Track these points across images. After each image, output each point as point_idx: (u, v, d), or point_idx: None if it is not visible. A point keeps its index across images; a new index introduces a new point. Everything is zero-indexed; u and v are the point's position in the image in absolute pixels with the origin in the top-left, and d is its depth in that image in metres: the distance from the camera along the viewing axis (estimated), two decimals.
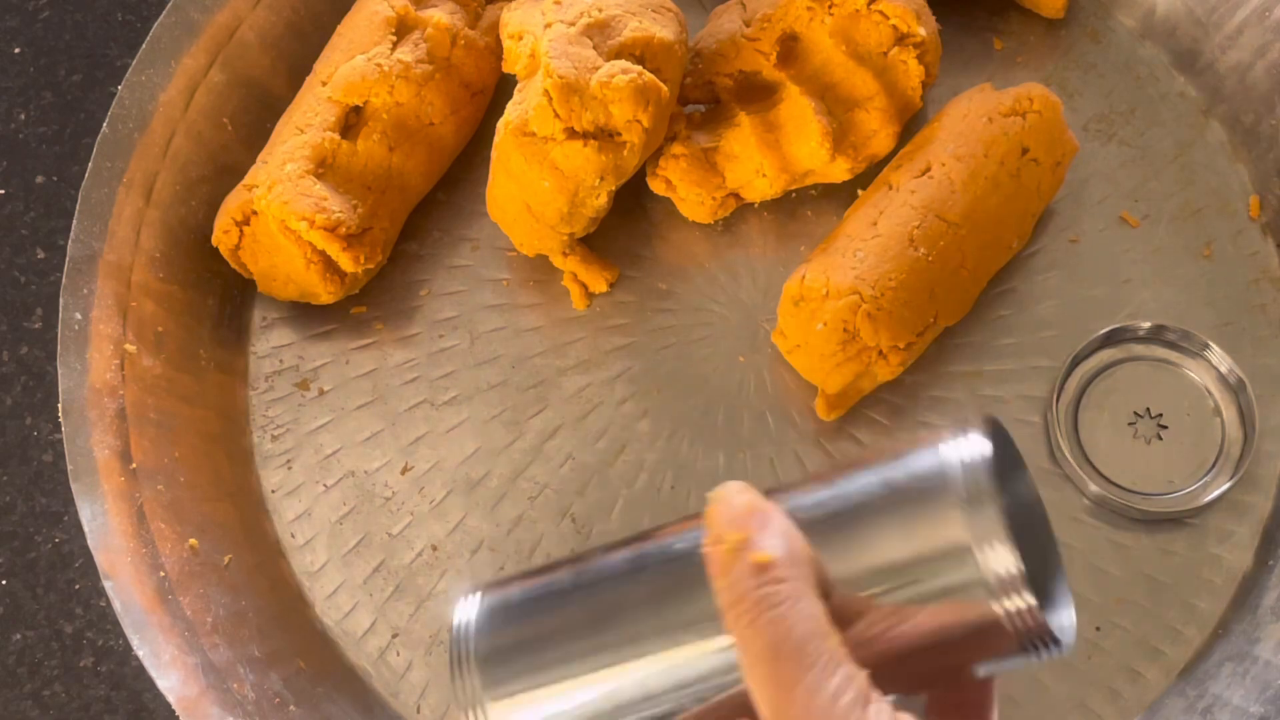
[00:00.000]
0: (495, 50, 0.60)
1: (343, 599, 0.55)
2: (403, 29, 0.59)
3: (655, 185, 0.59)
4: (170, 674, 0.49)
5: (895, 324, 0.53)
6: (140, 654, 0.49)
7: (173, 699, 0.49)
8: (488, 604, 0.35)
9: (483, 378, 0.59)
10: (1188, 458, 0.55)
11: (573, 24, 0.54)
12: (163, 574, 0.52)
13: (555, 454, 0.57)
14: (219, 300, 0.60)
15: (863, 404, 0.56)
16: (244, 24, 0.61)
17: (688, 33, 0.58)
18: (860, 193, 0.58)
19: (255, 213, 0.57)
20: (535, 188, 0.55)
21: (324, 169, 0.57)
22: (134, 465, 0.54)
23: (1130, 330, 0.56)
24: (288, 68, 0.62)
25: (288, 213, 0.55)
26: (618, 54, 0.54)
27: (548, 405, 0.58)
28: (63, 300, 0.55)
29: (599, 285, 0.59)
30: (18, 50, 0.67)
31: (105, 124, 0.58)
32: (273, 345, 0.60)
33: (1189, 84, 0.62)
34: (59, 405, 0.53)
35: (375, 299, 0.60)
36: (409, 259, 0.61)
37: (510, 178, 0.56)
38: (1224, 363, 0.56)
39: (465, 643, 0.35)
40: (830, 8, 0.58)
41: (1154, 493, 0.55)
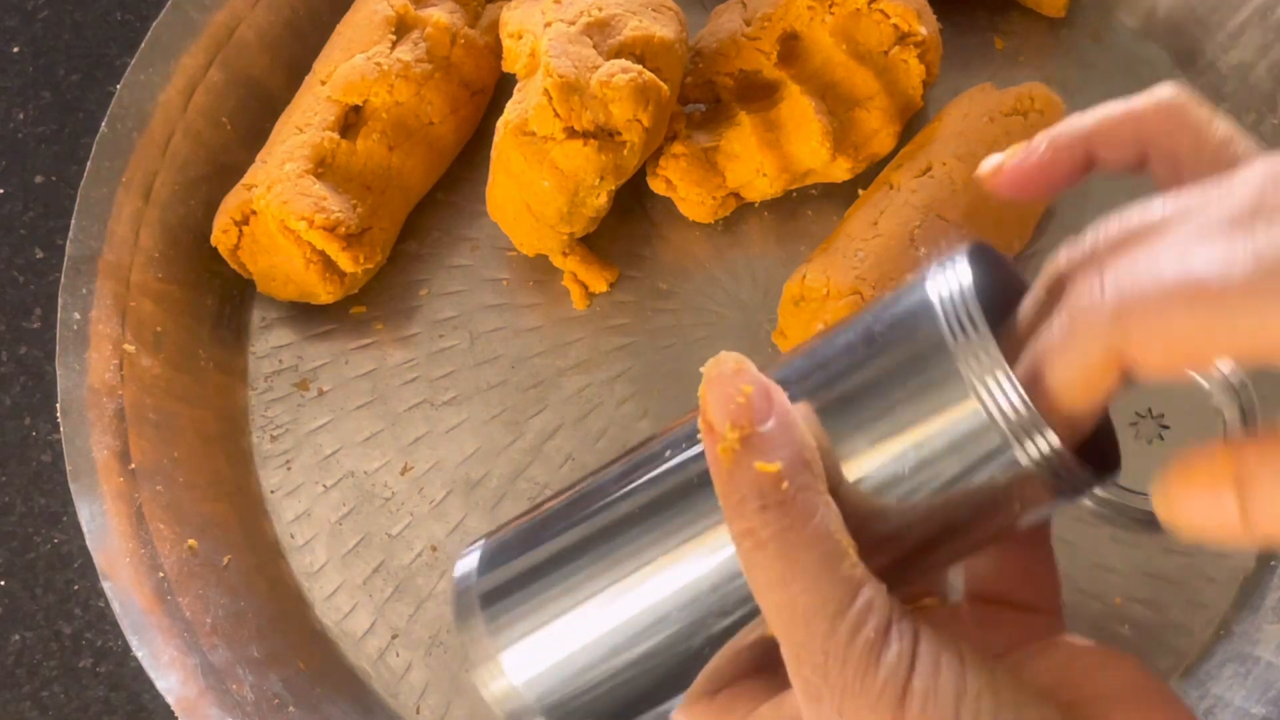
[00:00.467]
0: (495, 49, 0.60)
1: (342, 600, 0.55)
2: (402, 28, 0.59)
3: (655, 185, 0.59)
4: (169, 675, 0.49)
5: None
6: (139, 655, 0.49)
7: (171, 700, 0.49)
8: (487, 550, 0.33)
9: (482, 378, 0.58)
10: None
11: (573, 23, 0.54)
12: (161, 574, 0.52)
13: (555, 454, 0.57)
14: (218, 300, 0.60)
15: None
16: (243, 23, 0.61)
17: (688, 32, 0.58)
18: (861, 192, 0.58)
19: (254, 212, 0.56)
20: (535, 187, 0.55)
21: (323, 168, 0.57)
22: (133, 465, 0.53)
23: None
24: (287, 67, 0.62)
25: (287, 212, 0.55)
26: (618, 53, 0.54)
27: (547, 405, 0.58)
28: (61, 300, 0.55)
29: (599, 285, 0.59)
30: (16, 49, 0.66)
31: (104, 123, 0.58)
32: (272, 345, 0.60)
33: (1190, 84, 0.62)
34: (58, 405, 0.53)
35: (375, 299, 0.60)
36: (408, 259, 0.61)
37: (510, 177, 0.55)
38: (1226, 363, 0.55)
39: (467, 595, 0.32)
40: (831, 7, 0.58)
41: None
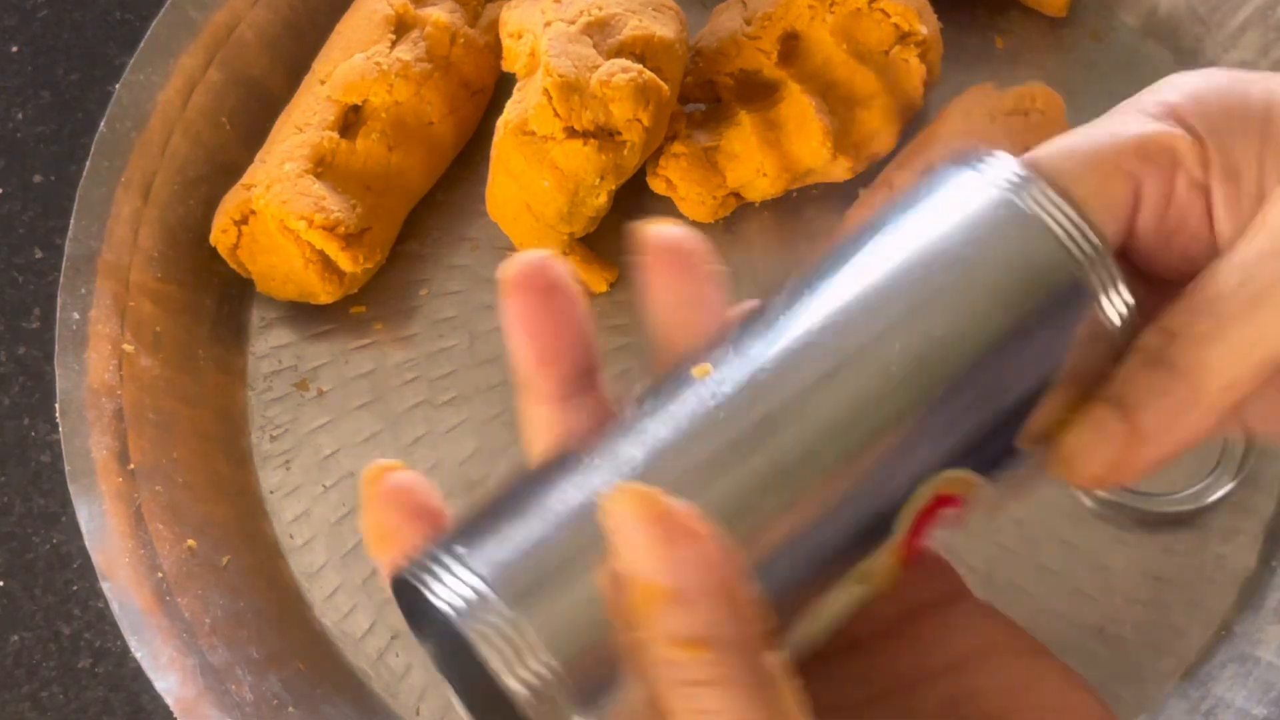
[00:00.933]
0: (495, 49, 0.60)
1: (342, 600, 0.55)
2: (402, 27, 0.59)
3: (655, 185, 0.59)
4: (168, 675, 0.49)
5: None
6: (138, 655, 0.49)
7: (171, 700, 0.49)
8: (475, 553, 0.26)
9: (482, 378, 0.58)
10: (1191, 458, 0.55)
11: (573, 22, 0.54)
12: (161, 575, 0.52)
13: None
14: (217, 300, 0.59)
15: None
16: (242, 23, 0.61)
17: (688, 31, 0.58)
18: (862, 192, 0.58)
19: (254, 212, 0.56)
20: (535, 187, 0.55)
21: (323, 168, 0.57)
22: (132, 466, 0.53)
23: None
24: (286, 67, 0.62)
25: (286, 212, 0.55)
26: (618, 52, 0.54)
27: None
28: (60, 300, 0.55)
29: (599, 285, 0.59)
30: (15, 49, 0.66)
31: (103, 123, 0.57)
32: (271, 345, 0.60)
33: None
34: (56, 405, 0.53)
35: (374, 299, 0.60)
36: (408, 258, 0.60)
37: (510, 177, 0.55)
38: None
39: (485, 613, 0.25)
40: (831, 6, 0.58)
41: (1157, 493, 0.54)
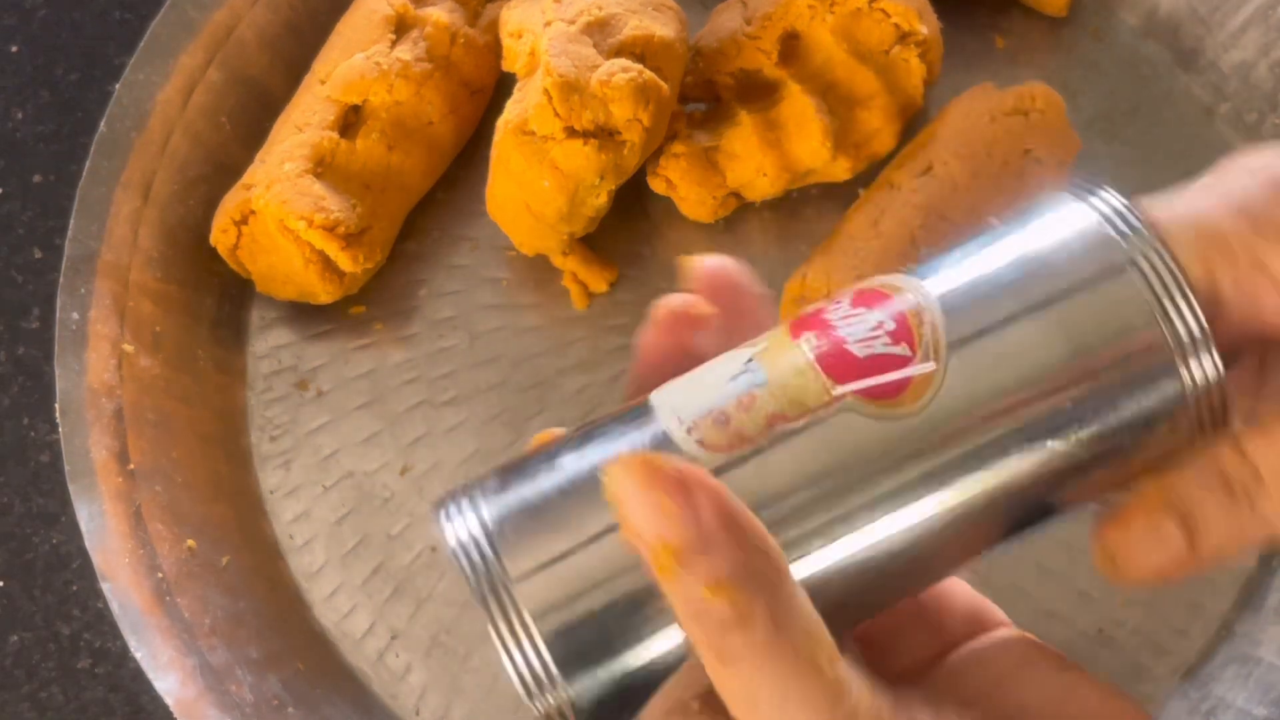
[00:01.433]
0: (495, 49, 0.60)
1: (341, 600, 0.55)
2: (402, 27, 0.59)
3: (655, 184, 0.59)
4: (168, 676, 0.49)
5: None
6: (138, 655, 0.49)
7: (170, 701, 0.49)
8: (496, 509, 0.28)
9: (482, 378, 0.58)
10: None
11: (573, 22, 0.54)
12: (160, 575, 0.52)
13: None
14: (217, 300, 0.59)
15: None
16: (242, 22, 0.61)
17: (688, 31, 0.58)
18: (862, 192, 0.58)
19: (253, 212, 0.56)
20: (535, 187, 0.55)
21: (322, 168, 0.57)
22: (132, 466, 0.53)
23: None
24: (286, 66, 0.62)
25: (286, 212, 0.55)
26: (618, 52, 0.54)
27: (547, 406, 0.57)
28: (60, 300, 0.55)
29: (599, 285, 0.59)
30: (15, 49, 0.66)
31: (103, 123, 0.57)
32: (271, 345, 0.59)
33: (1192, 83, 0.62)
34: (56, 406, 0.53)
35: (374, 299, 0.60)
36: (408, 258, 0.60)
37: (510, 177, 0.55)
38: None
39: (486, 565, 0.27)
40: (832, 6, 0.58)
41: None
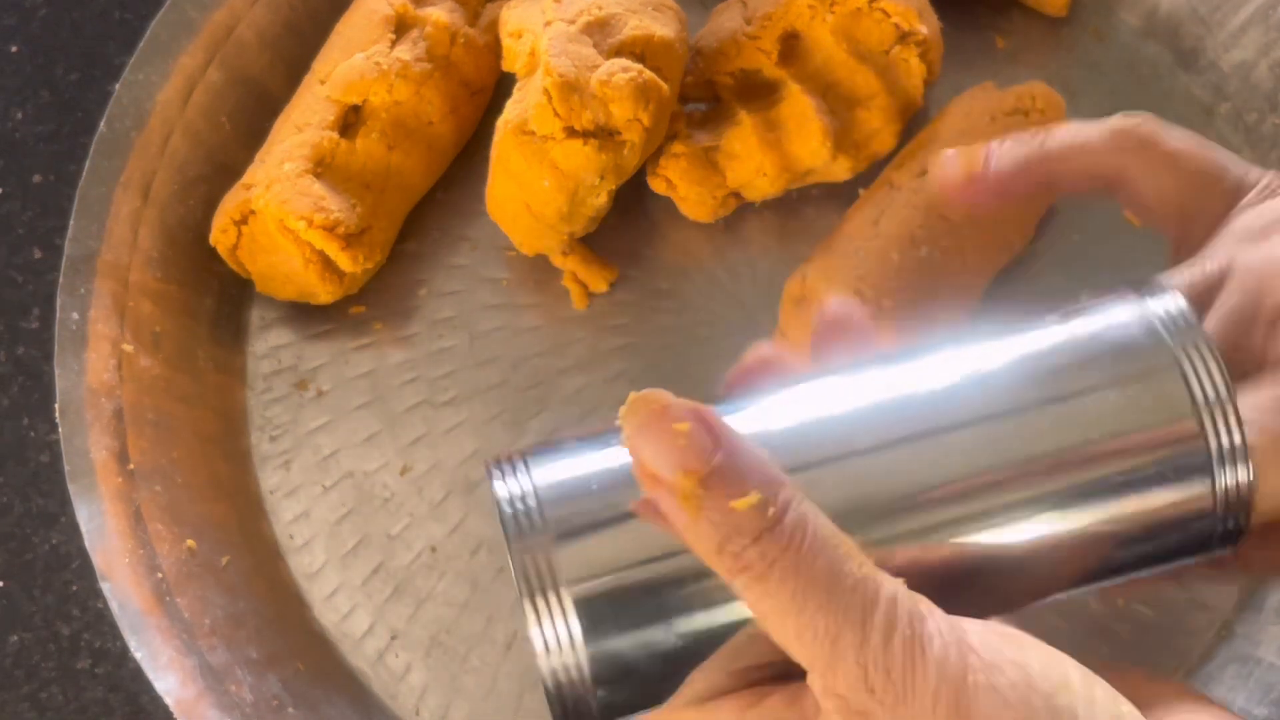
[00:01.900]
0: (495, 49, 0.60)
1: (341, 600, 0.55)
2: (402, 27, 0.59)
3: (655, 184, 0.59)
4: (168, 676, 0.49)
5: (898, 324, 0.53)
6: (138, 656, 0.49)
7: (170, 701, 0.49)
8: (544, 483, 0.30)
9: (482, 378, 0.58)
10: None
11: (573, 22, 0.54)
12: (160, 575, 0.52)
13: None
14: (217, 300, 0.59)
15: None
16: (242, 22, 0.61)
17: (688, 31, 0.58)
18: (862, 192, 0.58)
19: (253, 212, 0.56)
20: (535, 187, 0.55)
21: (322, 168, 0.57)
22: (131, 466, 0.53)
23: None
24: (286, 66, 0.62)
25: (286, 212, 0.55)
26: (618, 52, 0.54)
27: (547, 406, 0.57)
28: (60, 300, 0.55)
29: (599, 285, 0.59)
30: (15, 49, 0.66)
31: (103, 123, 0.57)
32: (271, 345, 0.59)
33: (1192, 83, 0.62)
34: (56, 406, 0.53)
35: (374, 299, 0.60)
36: (407, 258, 0.60)
37: (510, 177, 0.55)
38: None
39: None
40: (832, 6, 0.58)
41: None
